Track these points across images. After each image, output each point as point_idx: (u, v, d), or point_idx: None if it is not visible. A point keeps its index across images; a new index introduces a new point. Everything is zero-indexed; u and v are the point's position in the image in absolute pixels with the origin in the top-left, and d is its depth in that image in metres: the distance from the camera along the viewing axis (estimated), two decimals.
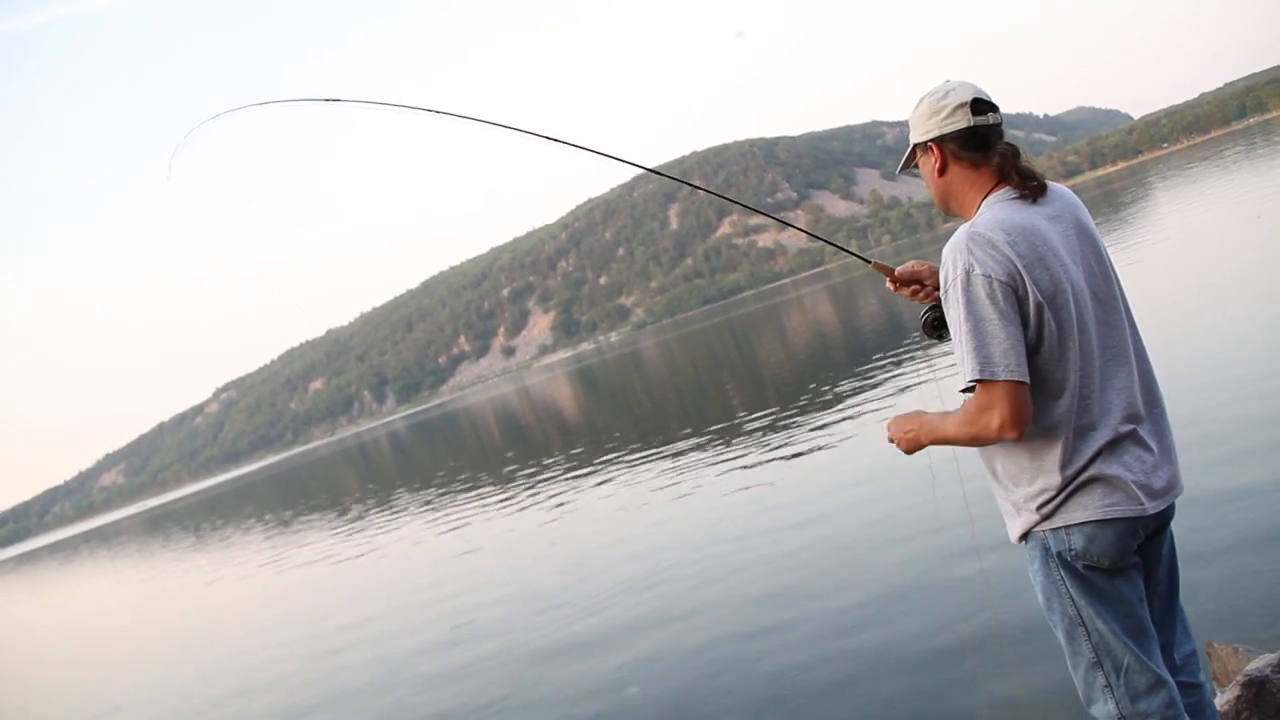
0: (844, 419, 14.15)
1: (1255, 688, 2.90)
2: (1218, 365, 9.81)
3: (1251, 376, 8.96)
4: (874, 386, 16.14)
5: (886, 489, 9.59)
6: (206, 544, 35.47)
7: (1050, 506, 2.40)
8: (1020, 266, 2.32)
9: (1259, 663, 3.00)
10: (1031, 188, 2.48)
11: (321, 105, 3.90)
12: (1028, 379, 2.32)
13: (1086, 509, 2.37)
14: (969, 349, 2.33)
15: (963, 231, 2.41)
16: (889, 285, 2.89)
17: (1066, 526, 2.39)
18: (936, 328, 2.72)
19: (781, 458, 12.99)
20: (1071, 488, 2.37)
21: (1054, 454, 2.37)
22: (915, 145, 2.62)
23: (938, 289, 2.70)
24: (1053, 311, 2.34)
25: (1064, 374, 2.37)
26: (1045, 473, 2.39)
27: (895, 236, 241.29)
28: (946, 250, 2.42)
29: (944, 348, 2.80)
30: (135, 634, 18.56)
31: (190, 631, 16.27)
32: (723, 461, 14.18)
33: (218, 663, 12.69)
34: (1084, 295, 2.42)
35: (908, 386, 14.84)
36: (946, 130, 2.52)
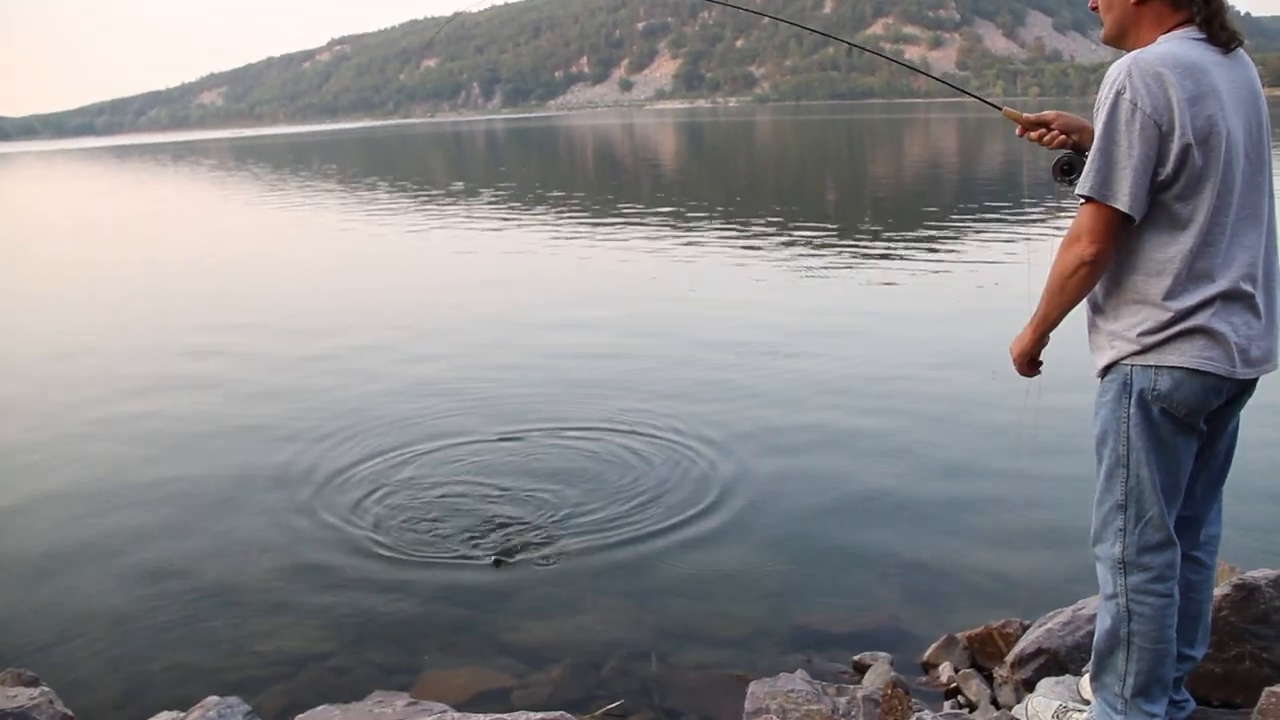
0: (928, 255, 13.96)
1: (1245, 591, 2.97)
2: None
3: None
4: (970, 234, 15.81)
5: (943, 331, 9.58)
6: (285, 185, 36.25)
7: (1152, 339, 2.41)
8: (1176, 102, 2.29)
9: (1257, 573, 3.08)
10: (1223, 38, 2.40)
11: None
12: (1136, 213, 2.34)
13: (1183, 354, 2.39)
14: (1093, 167, 2.35)
15: (1130, 56, 2.37)
16: (1019, 133, 2.86)
17: (1158, 366, 2.41)
18: (1065, 172, 2.69)
19: (858, 279, 12.91)
20: (1176, 330, 2.39)
21: (1163, 286, 2.39)
22: None
23: (1065, 133, 2.72)
24: (1202, 151, 2.32)
25: (1192, 212, 2.37)
26: (1151, 304, 2.41)
27: (1044, 91, 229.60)
28: (1111, 69, 2.38)
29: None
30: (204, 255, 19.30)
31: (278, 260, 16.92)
32: (793, 262, 14.12)
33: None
34: (1237, 147, 2.39)
35: (1005, 240, 14.53)
36: None
